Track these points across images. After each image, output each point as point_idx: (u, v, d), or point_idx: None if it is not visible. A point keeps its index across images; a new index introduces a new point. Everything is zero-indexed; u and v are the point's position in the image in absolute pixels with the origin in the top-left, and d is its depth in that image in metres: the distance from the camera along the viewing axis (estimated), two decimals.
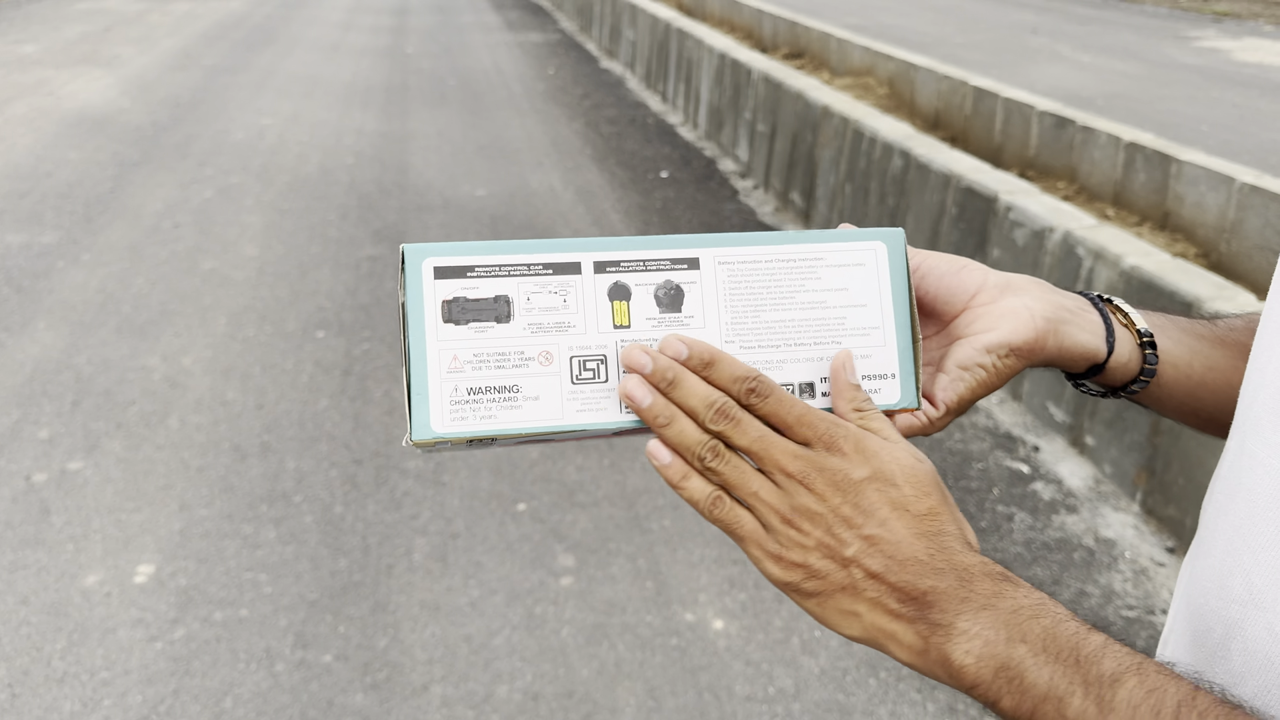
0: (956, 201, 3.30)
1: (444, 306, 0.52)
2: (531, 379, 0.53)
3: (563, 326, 0.54)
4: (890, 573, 0.48)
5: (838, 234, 0.58)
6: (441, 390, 0.52)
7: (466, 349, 0.52)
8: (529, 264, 0.54)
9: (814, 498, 0.49)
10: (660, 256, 0.55)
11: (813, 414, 0.51)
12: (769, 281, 0.56)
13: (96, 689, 1.86)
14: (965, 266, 0.61)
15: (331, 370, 3.06)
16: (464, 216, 4.44)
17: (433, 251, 0.53)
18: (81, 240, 4.07)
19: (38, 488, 2.45)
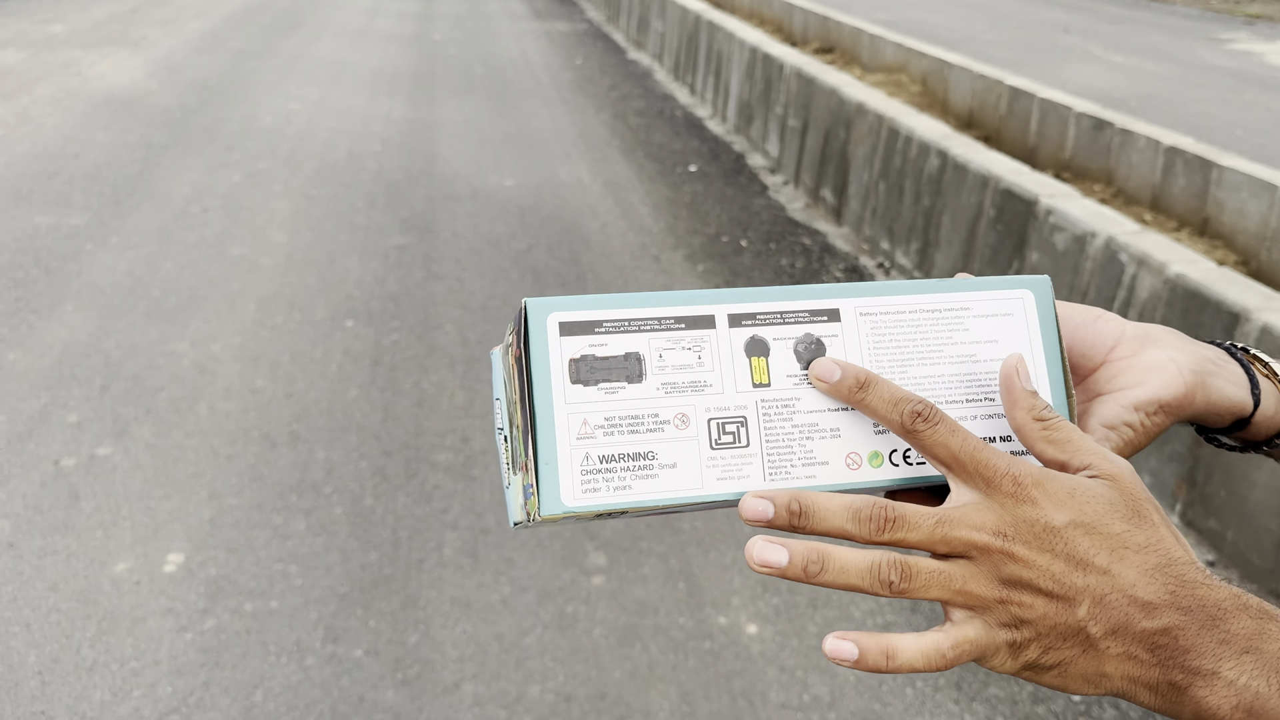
0: (994, 203, 3.25)
1: (571, 366, 0.48)
2: (668, 444, 0.49)
3: (699, 386, 0.50)
4: (1132, 623, 0.44)
5: (981, 282, 0.54)
6: (572, 459, 0.48)
7: (597, 412, 0.48)
8: (660, 318, 0.50)
9: (1020, 565, 0.45)
10: (798, 308, 0.52)
11: (988, 450, 0.47)
12: (915, 333, 0.52)
13: (126, 679, 1.85)
14: (1100, 316, 0.57)
15: (360, 360, 3.04)
16: (492, 207, 4.42)
17: (558, 306, 0.49)
18: (110, 223, 4.06)
19: (66, 473, 2.44)
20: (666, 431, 0.49)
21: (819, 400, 0.51)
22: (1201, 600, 0.44)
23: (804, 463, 0.50)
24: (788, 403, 0.51)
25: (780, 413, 0.51)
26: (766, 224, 4.35)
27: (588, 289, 3.59)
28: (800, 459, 0.50)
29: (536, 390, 0.48)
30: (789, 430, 0.50)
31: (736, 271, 3.80)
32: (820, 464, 0.50)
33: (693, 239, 4.12)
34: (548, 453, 0.48)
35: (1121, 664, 0.44)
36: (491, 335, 3.23)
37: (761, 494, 0.47)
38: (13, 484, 2.39)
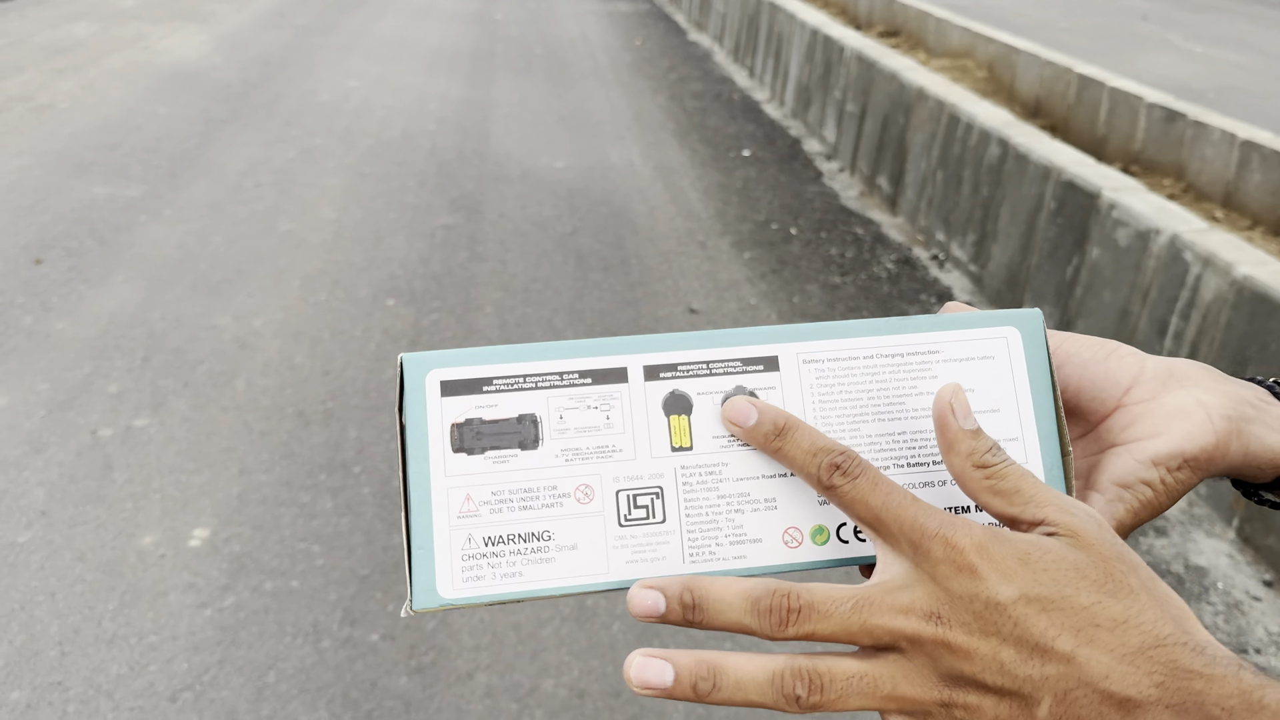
0: (1056, 195, 3.13)
1: (454, 431, 0.42)
2: (567, 522, 0.42)
3: (606, 451, 0.42)
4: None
5: (956, 319, 0.45)
6: (451, 542, 0.41)
7: (483, 486, 0.41)
8: (562, 372, 0.43)
9: (960, 657, 0.35)
10: (728, 356, 0.44)
11: (916, 506, 0.38)
12: (870, 384, 0.44)
13: (144, 653, 1.85)
14: (1114, 352, 0.47)
15: (399, 339, 3.03)
16: (541, 189, 4.38)
17: (439, 361, 0.42)
18: (165, 195, 4.11)
19: (103, 443, 2.46)
20: (566, 506, 0.42)
21: (751, 465, 0.43)
22: (1199, 696, 0.34)
23: (732, 540, 0.42)
24: (713, 469, 0.43)
25: (704, 481, 0.43)
26: (818, 212, 4.26)
27: (631, 274, 3.54)
28: (728, 536, 0.42)
29: (411, 461, 0.41)
30: (714, 502, 0.43)
31: (784, 260, 3.72)
32: (752, 541, 0.42)
33: (741, 225, 4.05)
34: (422, 535, 0.41)
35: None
36: (530, 319, 3.20)
37: (651, 583, 0.39)
38: (50, 452, 2.41)
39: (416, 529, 0.41)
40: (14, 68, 6.01)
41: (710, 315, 3.24)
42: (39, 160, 4.43)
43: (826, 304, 3.37)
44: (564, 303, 3.30)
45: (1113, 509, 0.45)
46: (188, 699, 1.76)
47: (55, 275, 3.35)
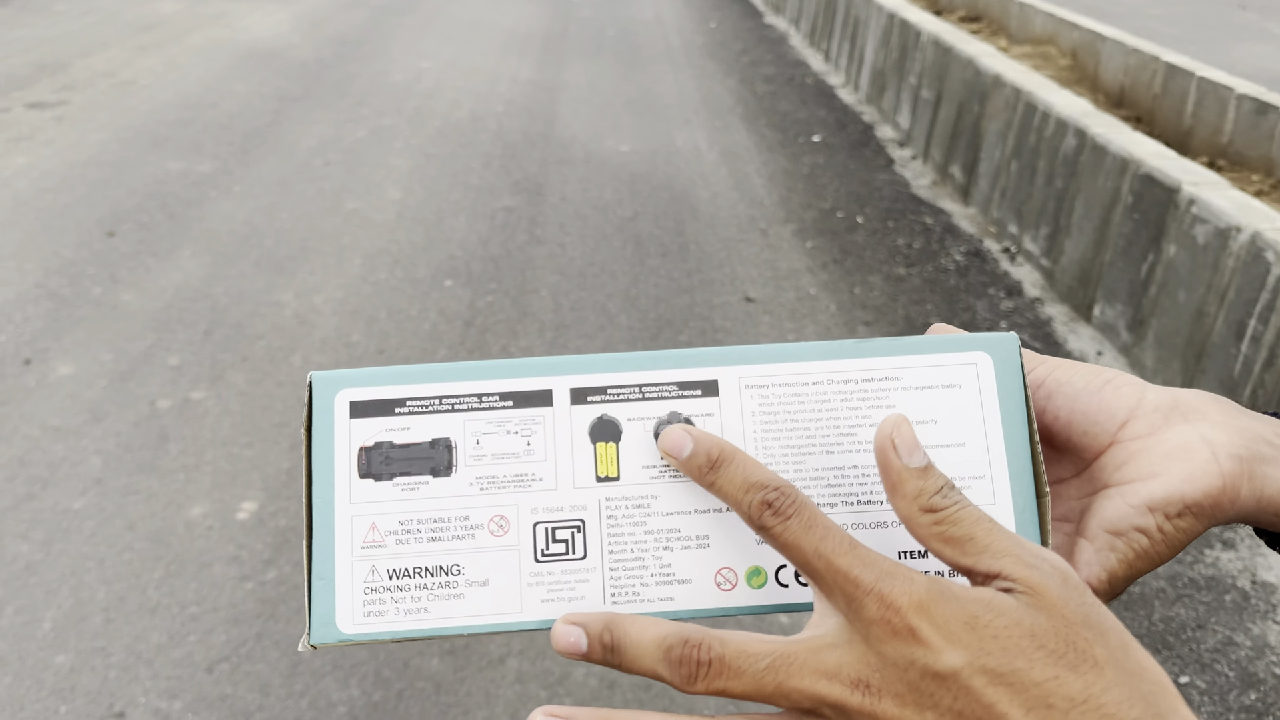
0: (1133, 189, 3.00)
1: (361, 456, 0.39)
2: (479, 555, 0.39)
3: (525, 480, 0.40)
4: None
5: (921, 343, 0.41)
6: (353, 574, 0.38)
7: (390, 515, 0.39)
8: (480, 394, 0.40)
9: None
10: (663, 379, 0.40)
11: (854, 554, 0.33)
12: (819, 412, 0.40)
13: (185, 623, 1.88)
14: (1110, 381, 0.42)
15: (454, 320, 3.04)
16: (604, 172, 4.36)
17: (350, 381, 0.40)
18: (235, 171, 4.18)
19: (160, 414, 2.51)
20: (478, 539, 0.39)
21: (683, 499, 0.39)
22: None
23: (659, 580, 0.39)
24: (641, 502, 0.40)
25: (631, 515, 0.39)
26: (887, 200, 4.16)
27: (689, 260, 3.49)
28: (654, 575, 0.39)
29: (315, 485, 0.39)
30: (641, 538, 0.39)
31: (847, 249, 3.64)
32: (680, 582, 0.39)
33: (805, 213, 3.97)
34: (323, 565, 0.38)
35: None
36: (585, 303, 3.18)
37: (574, 619, 0.36)
38: (109, 421, 2.47)
39: (318, 558, 0.39)
40: (100, 44, 6.17)
41: (767, 305, 3.18)
42: (117, 135, 4.54)
43: (889, 296, 3.29)
44: (619, 288, 3.27)
45: (1103, 559, 0.40)
46: (224, 670, 1.78)
47: (125, 248, 3.43)
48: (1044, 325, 3.15)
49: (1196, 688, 1.83)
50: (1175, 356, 2.70)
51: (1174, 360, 2.71)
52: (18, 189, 3.89)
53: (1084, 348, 3.01)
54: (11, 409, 2.51)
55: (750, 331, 3.01)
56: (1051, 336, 3.07)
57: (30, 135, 4.50)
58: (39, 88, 5.21)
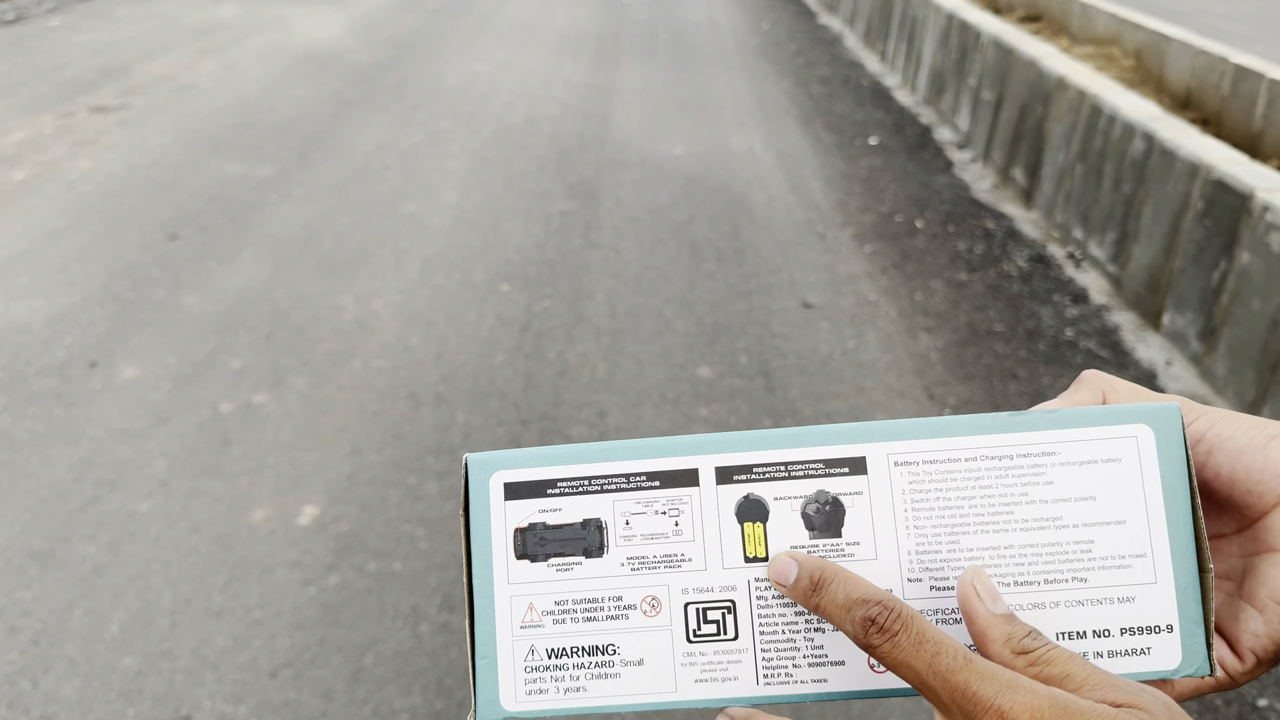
0: (1204, 195, 2.92)
1: (517, 537, 0.40)
2: (633, 635, 0.40)
3: (675, 561, 0.40)
4: None
5: (1078, 415, 0.40)
6: (514, 653, 0.40)
7: (546, 595, 0.40)
8: (629, 474, 0.40)
9: None
10: (809, 457, 0.40)
11: (970, 670, 0.33)
12: (972, 490, 0.39)
13: (249, 628, 1.90)
14: (1276, 438, 0.39)
15: (510, 325, 3.04)
16: (659, 175, 4.34)
17: (505, 463, 0.41)
18: (294, 175, 4.23)
19: (223, 417, 2.54)
20: (632, 619, 0.40)
21: None
22: None
23: (811, 661, 0.39)
24: None
25: (781, 596, 0.40)
26: (947, 204, 4.10)
27: (746, 265, 3.47)
28: (806, 657, 0.39)
29: (475, 566, 0.40)
30: (791, 619, 0.39)
31: (907, 255, 3.59)
32: (834, 664, 0.39)
33: (864, 217, 3.92)
34: (486, 645, 0.40)
35: None
36: (641, 308, 3.16)
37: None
38: (173, 424, 2.50)
39: (480, 638, 0.40)
40: (161, 48, 6.28)
41: (826, 310, 3.15)
42: (179, 139, 4.62)
43: (951, 302, 3.23)
44: (675, 293, 3.25)
45: (1271, 629, 0.38)
46: (287, 676, 1.79)
47: (188, 251, 3.48)
48: (1111, 333, 3.07)
49: (1275, 710, 1.77)
50: (1249, 367, 2.63)
51: (1248, 371, 2.63)
52: (83, 192, 3.97)
53: (1153, 356, 2.94)
54: (78, 411, 2.55)
55: (810, 338, 2.97)
56: (1119, 345, 3.00)
57: (94, 139, 4.59)
58: (102, 92, 5.31)
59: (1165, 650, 0.38)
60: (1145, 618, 0.39)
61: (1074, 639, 0.39)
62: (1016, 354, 2.92)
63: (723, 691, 0.39)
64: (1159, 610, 0.39)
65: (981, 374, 2.80)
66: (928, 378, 2.77)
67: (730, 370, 2.79)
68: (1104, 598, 0.39)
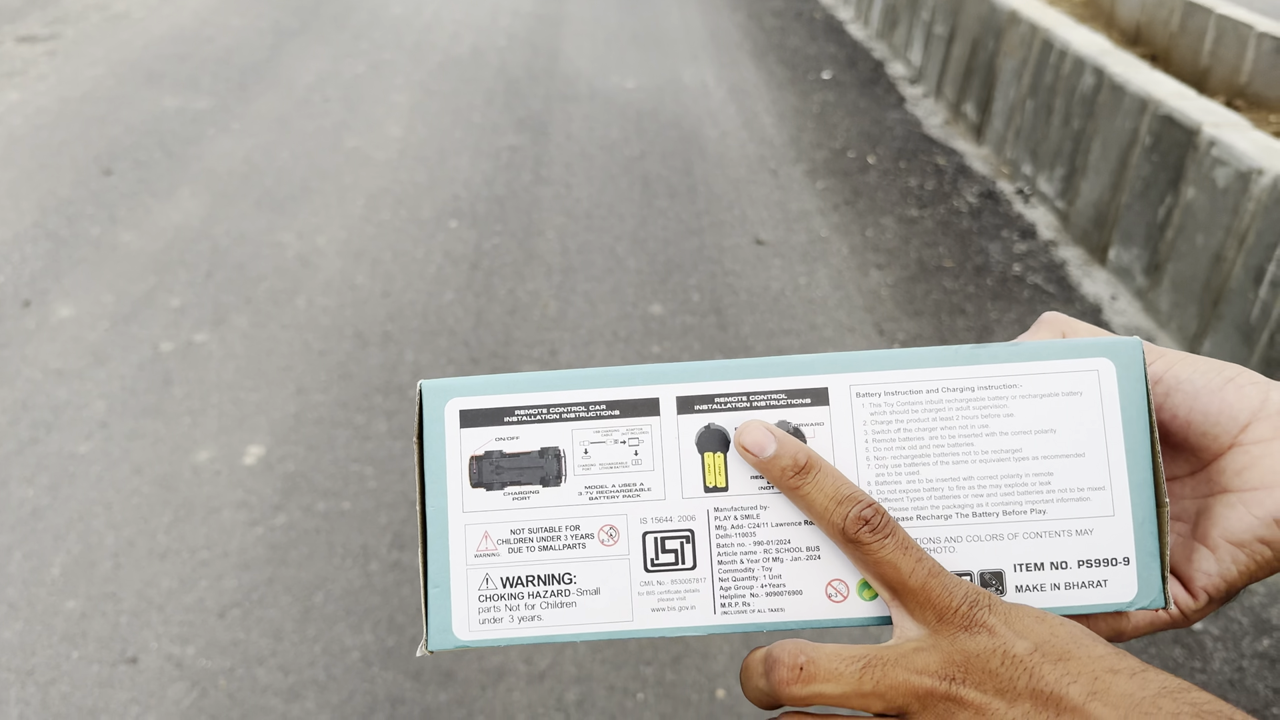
0: (1152, 130, 2.94)
1: (472, 465, 0.40)
2: (590, 565, 0.39)
3: (633, 490, 0.40)
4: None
5: (1038, 348, 0.40)
6: (467, 581, 0.39)
7: (501, 524, 0.40)
8: (588, 403, 0.40)
9: (971, 713, 0.34)
10: (771, 387, 0.40)
11: (945, 578, 0.36)
12: (933, 421, 0.39)
13: (195, 569, 1.87)
14: (1232, 380, 0.40)
15: (460, 263, 2.99)
16: (610, 109, 4.27)
17: (460, 389, 0.40)
18: (233, 108, 4.10)
19: (163, 357, 2.48)
20: (589, 548, 0.40)
21: (793, 509, 0.39)
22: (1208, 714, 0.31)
23: (769, 591, 0.39)
24: (750, 512, 0.39)
25: (740, 525, 0.39)
26: (899, 140, 4.09)
27: (698, 202, 3.44)
28: (764, 586, 0.39)
29: (429, 495, 0.40)
30: (750, 549, 0.39)
31: (859, 191, 3.58)
32: (791, 594, 0.39)
33: (816, 153, 3.90)
34: (439, 573, 0.39)
35: None
36: (592, 245, 3.13)
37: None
38: (112, 364, 2.44)
39: (433, 567, 0.40)
40: None
41: (778, 247, 3.14)
42: (112, 70, 4.45)
43: (902, 239, 3.24)
44: (627, 230, 3.22)
45: (1224, 569, 0.39)
46: (235, 615, 1.78)
47: (124, 186, 3.36)
48: (1058, 268, 3.10)
49: (1211, 634, 1.83)
50: (1192, 301, 2.67)
51: (1190, 305, 2.68)
52: (11, 125, 3.82)
53: (1098, 291, 2.97)
54: (12, 351, 2.48)
55: (761, 275, 2.96)
56: (1065, 280, 3.03)
57: (23, 70, 4.41)
58: (29, 21, 5.09)
59: (1122, 583, 0.39)
60: (1102, 550, 0.39)
61: (1031, 570, 0.39)
62: (965, 289, 2.94)
63: (680, 620, 0.39)
64: (1116, 543, 0.39)
65: (930, 309, 2.82)
66: (878, 313, 2.78)
67: (682, 307, 2.78)
68: (1062, 530, 0.39)
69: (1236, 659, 1.78)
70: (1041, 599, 0.39)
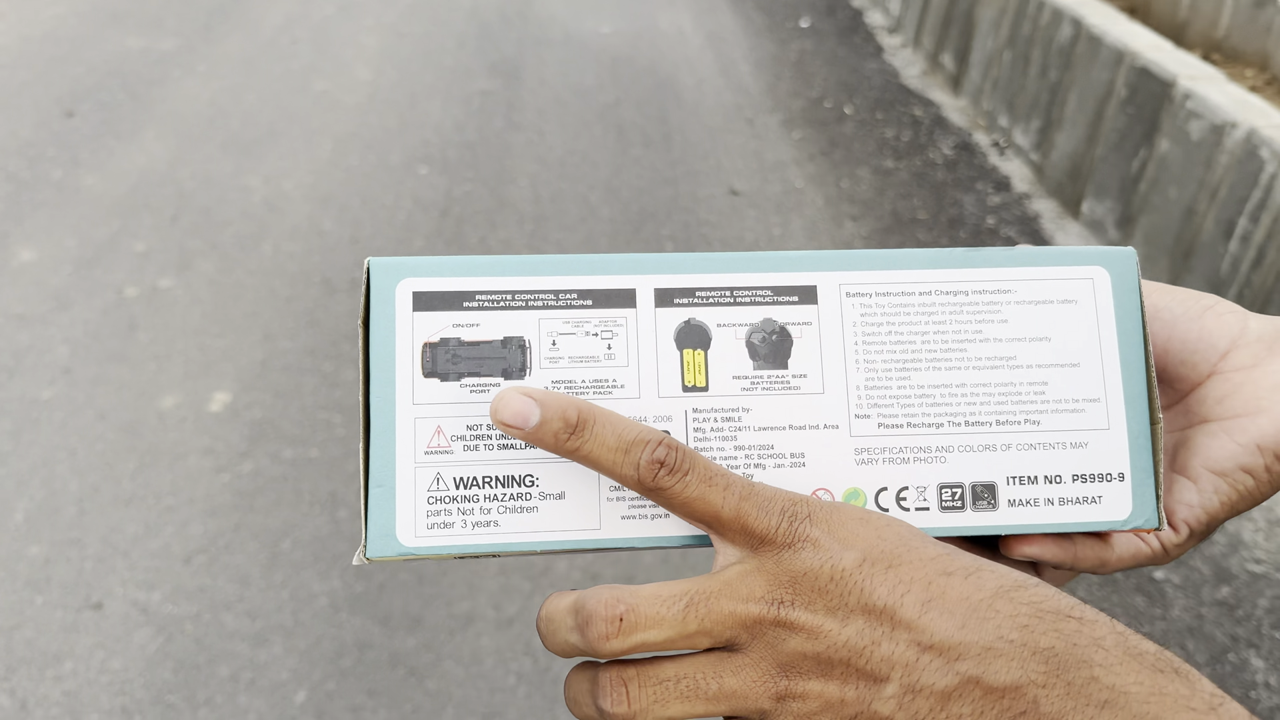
0: (1128, 82, 2.93)
1: (426, 352, 0.36)
2: (554, 466, 0.36)
3: (605, 386, 0.36)
4: (985, 675, 0.29)
5: (1033, 254, 0.38)
6: (416, 481, 0.35)
7: (457, 418, 0.36)
8: (558, 290, 0.36)
9: (803, 637, 0.31)
10: (757, 283, 0.37)
11: (759, 495, 0.33)
12: (925, 325, 0.37)
13: (161, 515, 1.86)
14: (1211, 308, 0.39)
15: (430, 209, 2.95)
16: (584, 54, 4.21)
17: (414, 269, 0.36)
18: (199, 49, 4.00)
19: (128, 302, 2.44)
20: None
21: (777, 413, 0.37)
22: (1072, 636, 0.29)
23: None
24: (731, 415, 0.37)
25: (720, 428, 0.37)
26: (876, 90, 4.06)
27: (673, 150, 3.40)
28: None
29: (374, 383, 0.36)
30: (730, 453, 0.37)
31: (835, 141, 3.56)
32: None
33: (793, 102, 3.87)
34: (382, 471, 0.35)
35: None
36: (565, 194, 3.10)
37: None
38: (76, 309, 2.40)
39: (375, 463, 0.35)
40: None
41: (753, 197, 3.12)
42: (74, 8, 4.33)
43: (877, 190, 3.23)
44: (601, 178, 3.19)
45: (1205, 500, 0.38)
46: (201, 561, 1.77)
47: (86, 129, 3.29)
48: (1031, 221, 3.11)
49: (1172, 583, 1.86)
50: (1163, 254, 2.68)
51: (1162, 258, 2.69)
52: None
53: (1071, 244, 2.98)
54: None
55: (736, 225, 2.95)
56: (1039, 232, 3.03)
57: None
58: None
59: (1116, 500, 0.37)
60: (1097, 464, 0.37)
61: (1025, 484, 0.37)
62: (938, 241, 2.94)
63: (651, 530, 0.36)
64: (1111, 458, 0.37)
65: None
66: None
67: None
68: (1056, 442, 0.37)
69: (1196, 606, 1.81)
70: (1034, 514, 0.37)
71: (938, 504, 0.37)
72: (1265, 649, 1.72)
